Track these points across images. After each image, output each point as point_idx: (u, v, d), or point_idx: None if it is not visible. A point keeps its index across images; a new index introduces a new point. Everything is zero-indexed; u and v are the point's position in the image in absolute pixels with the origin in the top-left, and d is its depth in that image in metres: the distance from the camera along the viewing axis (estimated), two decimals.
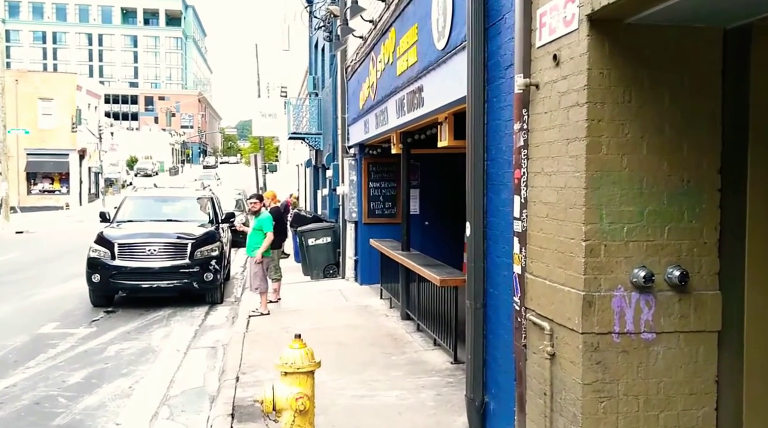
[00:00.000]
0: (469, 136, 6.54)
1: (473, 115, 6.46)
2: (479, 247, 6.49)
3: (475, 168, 6.48)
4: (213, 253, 14.03)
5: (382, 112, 11.60)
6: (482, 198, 6.49)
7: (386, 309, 12.70)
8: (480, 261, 6.48)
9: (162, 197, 16.82)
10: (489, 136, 6.45)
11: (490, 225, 6.44)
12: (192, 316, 13.22)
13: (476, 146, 6.47)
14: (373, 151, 14.92)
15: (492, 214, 6.41)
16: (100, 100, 58.14)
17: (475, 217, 6.48)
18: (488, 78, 6.43)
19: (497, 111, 6.24)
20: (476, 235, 6.48)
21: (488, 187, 6.49)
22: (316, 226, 16.84)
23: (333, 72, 18.45)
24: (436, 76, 8.22)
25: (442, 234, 15.06)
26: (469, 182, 6.57)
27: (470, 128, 6.51)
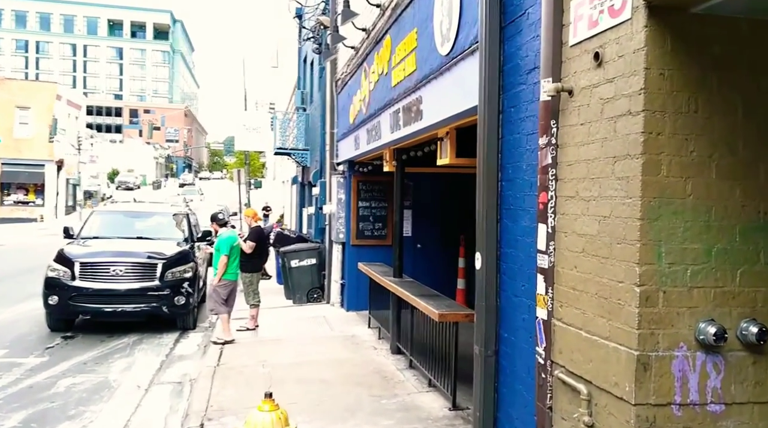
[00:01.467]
0: (481, 153, 5.57)
1: (486, 129, 5.49)
2: (491, 283, 5.49)
3: (487, 190, 5.51)
4: (186, 275, 12.95)
5: (374, 127, 10.64)
6: (496, 225, 5.51)
7: (374, 340, 11.65)
8: (492, 300, 5.49)
9: (133, 212, 15.70)
10: (504, 153, 5.48)
11: (506, 258, 5.45)
12: (159, 344, 12.11)
13: (489, 164, 5.50)
14: (363, 169, 13.93)
15: (508, 244, 5.42)
16: (81, 111, 56.82)
17: (488, 248, 5.49)
18: (504, 85, 5.47)
19: (516, 123, 5.27)
20: (488, 269, 5.49)
21: (503, 212, 5.51)
22: (300, 247, 15.79)
23: (322, 86, 17.49)
24: (438, 86, 7.26)
25: (434, 258, 14.10)
26: (479, 206, 5.59)
27: (482, 144, 5.55)
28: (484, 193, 5.54)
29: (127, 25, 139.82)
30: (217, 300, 11.66)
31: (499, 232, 5.53)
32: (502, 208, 5.53)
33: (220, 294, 11.64)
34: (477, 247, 5.68)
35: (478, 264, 5.61)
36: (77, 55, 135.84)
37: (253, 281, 12.77)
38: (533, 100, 4.93)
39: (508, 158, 5.42)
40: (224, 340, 11.49)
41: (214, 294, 11.74)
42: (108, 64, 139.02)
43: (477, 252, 5.67)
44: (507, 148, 5.43)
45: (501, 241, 5.53)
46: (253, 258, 12.61)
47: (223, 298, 11.64)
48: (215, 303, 11.69)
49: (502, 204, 5.52)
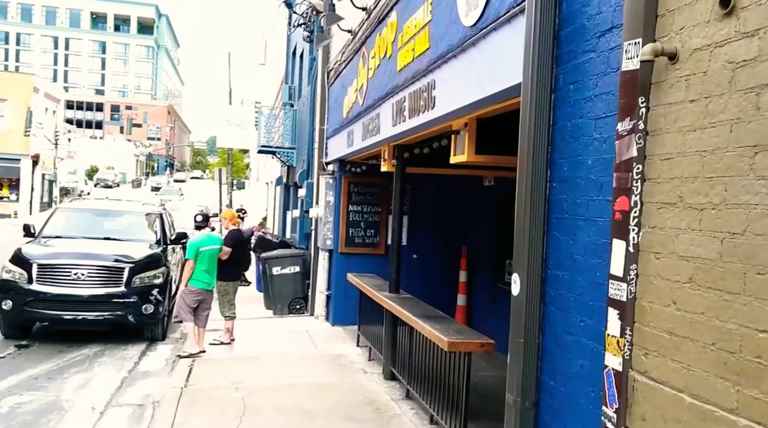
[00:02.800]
0: (525, 145, 4.33)
1: (532, 113, 4.25)
2: (533, 315, 4.24)
3: (530, 193, 4.27)
4: (156, 281, 11.60)
5: (372, 120, 9.37)
6: (541, 239, 4.26)
7: (364, 361, 10.36)
8: (533, 336, 4.23)
9: (101, 210, 14.29)
10: (558, 144, 4.22)
11: (556, 283, 4.19)
12: (123, 357, 10.76)
13: (534, 160, 4.25)
14: (355, 169, 12.63)
15: (559, 264, 4.15)
16: (59, 105, 54.82)
17: (529, 268, 4.23)
18: (560, 55, 4.22)
19: (577, 104, 4.01)
20: (529, 296, 4.23)
21: (553, 222, 4.25)
22: (283, 253, 14.47)
23: (312, 77, 16.19)
24: (458, 66, 6.01)
25: (432, 270, 12.85)
26: (519, 214, 4.35)
27: (526, 133, 4.30)
28: (527, 197, 4.29)
29: (110, 18, 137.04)
30: (182, 307, 10.42)
31: (546, 249, 4.28)
32: (551, 216, 4.27)
33: (186, 302, 10.36)
34: (514, 266, 4.43)
35: (515, 288, 4.34)
36: (59, 48, 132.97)
37: (229, 291, 11.41)
38: (607, 72, 3.69)
39: (563, 151, 4.16)
40: (189, 353, 10.20)
41: (180, 301, 10.48)
42: (90, 58, 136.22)
43: (514, 272, 4.41)
44: (562, 138, 4.17)
45: (548, 260, 4.27)
46: (230, 265, 11.24)
47: (190, 306, 10.35)
48: (179, 309, 10.47)
49: (551, 211, 4.27)
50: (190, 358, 10.13)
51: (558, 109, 4.21)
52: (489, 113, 6.10)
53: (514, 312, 4.37)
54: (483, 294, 12.13)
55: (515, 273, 4.41)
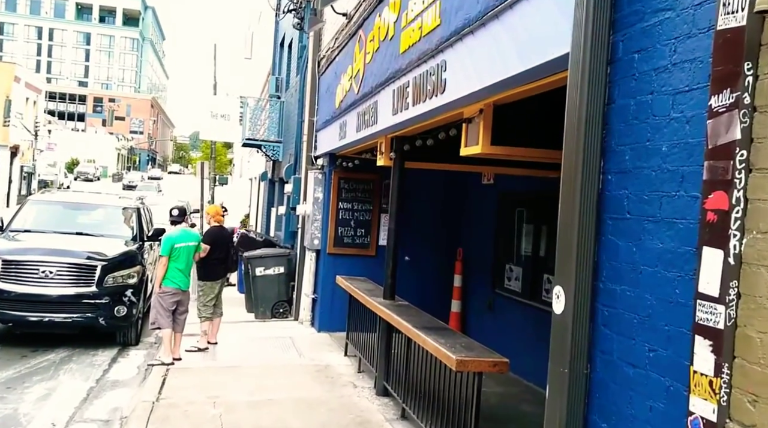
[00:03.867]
0: (572, 130, 3.56)
1: (583, 91, 3.49)
2: (580, 338, 3.44)
3: (578, 188, 3.47)
4: (130, 280, 10.73)
5: (369, 110, 8.54)
6: (592, 245, 3.46)
7: (353, 373, 9.53)
8: (580, 364, 3.44)
9: (74, 203, 13.37)
10: (614, 127, 3.44)
11: (610, 299, 3.40)
12: (92, 364, 9.88)
13: (585, 147, 3.45)
14: (347, 164, 11.79)
15: (618, 276, 3.36)
16: (41, 95, 53.32)
17: (577, 280, 3.42)
18: (618, 18, 3.42)
19: (644, 78, 3.23)
20: (576, 314, 3.42)
21: (607, 224, 3.46)
22: (267, 252, 13.59)
23: (302, 67, 15.32)
24: (475, 44, 5.21)
25: (425, 273, 12.08)
26: (564, 214, 3.56)
27: (575, 115, 3.54)
28: (573, 192, 3.48)
29: (96, 9, 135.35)
30: (159, 312, 9.51)
31: (598, 257, 3.47)
32: (604, 217, 3.47)
33: (162, 305, 9.49)
34: (556, 278, 3.63)
35: (558, 305, 3.54)
36: (42, 38, 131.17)
37: (207, 291, 10.47)
38: (692, 34, 2.89)
39: (622, 135, 3.36)
40: (162, 361, 9.35)
41: (156, 305, 9.60)
42: (74, 49, 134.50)
43: (556, 285, 3.61)
44: (622, 120, 3.37)
45: (600, 271, 3.47)
46: (209, 263, 10.35)
47: (167, 309, 9.48)
48: (157, 314, 9.56)
49: (604, 210, 3.46)
50: (164, 367, 9.27)
51: (616, 85, 3.41)
52: (509, 98, 5.32)
53: (556, 335, 3.57)
54: (479, 301, 11.37)
55: (558, 286, 3.61)
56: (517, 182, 9.82)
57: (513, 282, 10.28)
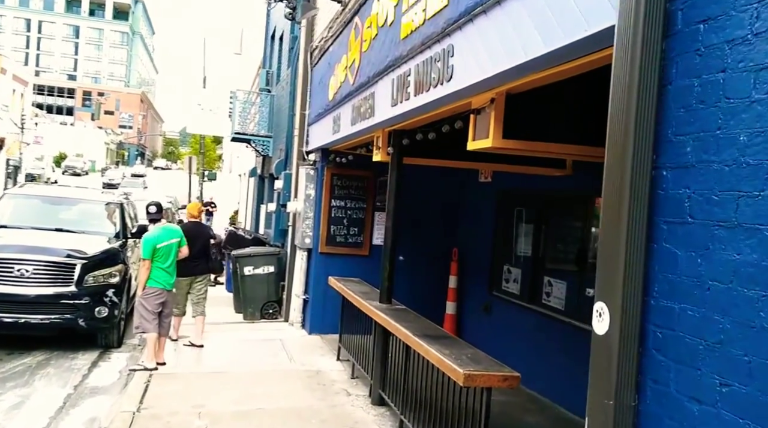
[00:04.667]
0: (618, 116, 3.05)
1: (633, 71, 2.98)
2: (627, 364, 2.94)
3: (625, 187, 3.00)
4: (112, 280, 10.19)
5: (365, 101, 8.04)
6: (642, 254, 2.96)
7: (346, 379, 9.04)
8: (627, 396, 2.94)
9: (54, 198, 12.76)
10: (670, 114, 2.97)
11: (665, 319, 2.91)
12: (70, 368, 9.34)
13: (636, 138, 2.95)
14: (340, 159, 11.27)
15: (672, 293, 2.87)
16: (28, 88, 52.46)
17: (624, 294, 2.93)
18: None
19: (712, 53, 2.76)
20: (623, 335, 2.93)
21: (661, 229, 2.99)
22: (256, 251, 13.05)
23: (293, 59, 14.78)
24: (489, 25, 4.72)
25: (419, 274, 11.61)
26: (606, 218, 3.05)
27: (621, 99, 3.03)
28: (618, 191, 2.99)
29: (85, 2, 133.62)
30: (143, 315, 8.97)
31: (648, 268, 2.98)
32: (657, 220, 2.96)
33: (147, 308, 8.95)
34: (598, 292, 3.12)
35: (600, 325, 3.03)
36: (31, 30, 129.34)
37: (181, 285, 10.29)
38: None
39: (682, 124, 2.85)
40: (145, 367, 8.84)
41: (140, 308, 9.05)
42: (63, 43, 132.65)
43: (599, 301, 3.11)
44: (682, 104, 2.85)
45: (652, 285, 2.96)
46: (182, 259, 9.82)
47: (152, 312, 8.95)
48: (141, 318, 9.02)
49: (658, 213, 2.96)
50: (147, 372, 8.76)
51: (674, 63, 2.91)
52: (525, 86, 4.83)
53: (599, 360, 3.06)
54: (475, 303, 10.91)
55: (600, 302, 3.10)
56: (516, 180, 9.37)
57: (511, 285, 9.85)
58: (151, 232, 9.13)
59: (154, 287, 8.93)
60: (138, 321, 9.08)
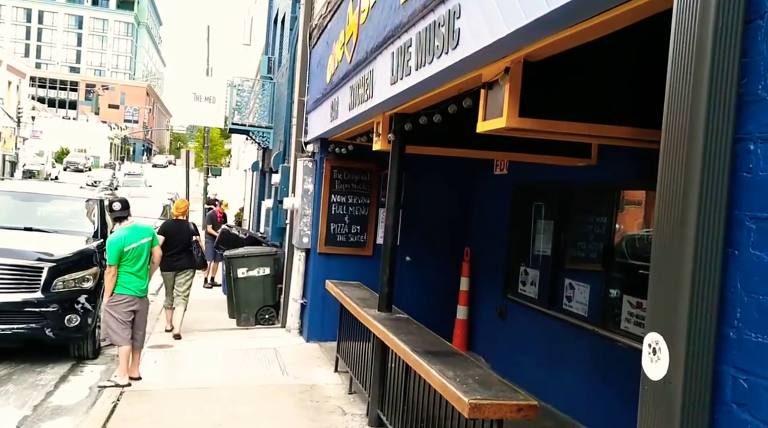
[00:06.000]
0: (682, 71, 2.04)
1: (708, 16, 1.88)
2: (696, 420, 1.88)
3: (694, 168, 1.94)
4: (85, 284, 9.17)
5: (363, 81, 7.00)
6: (717, 264, 1.92)
7: (343, 394, 8.04)
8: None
9: (27, 194, 11.61)
10: (761, 57, 1.88)
11: (747, 358, 1.91)
12: (35, 384, 8.34)
13: (710, 99, 1.89)
14: (340, 150, 10.23)
15: (764, 321, 1.82)
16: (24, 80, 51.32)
17: (691, 323, 1.90)
18: None
19: None
20: (688, 381, 1.91)
21: (742, 228, 2.01)
22: (250, 252, 12.00)
23: (293, 40, 13.76)
24: None
25: (427, 276, 10.72)
26: (663, 213, 2.02)
27: (688, 42, 1.98)
28: (682, 175, 1.99)
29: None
30: (111, 326, 7.98)
31: (726, 285, 1.97)
32: (739, 216, 1.96)
33: (116, 316, 7.94)
34: (650, 322, 2.12)
35: (656, 365, 2.03)
36: (32, 21, 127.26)
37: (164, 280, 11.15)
38: None
39: None
40: (116, 383, 7.86)
41: (107, 317, 8.05)
42: (65, 33, 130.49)
43: (651, 331, 2.10)
44: None
45: (731, 310, 1.96)
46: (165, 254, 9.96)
47: (122, 321, 7.94)
48: (109, 329, 8.03)
49: (741, 205, 1.96)
50: (118, 389, 7.77)
51: None
52: (546, 50, 3.86)
53: (650, 415, 2.06)
54: (489, 307, 9.96)
55: (654, 332, 2.11)
56: (533, 172, 8.43)
57: (528, 288, 8.92)
58: (116, 234, 8.07)
59: (124, 294, 7.91)
60: (105, 333, 8.09)
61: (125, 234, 7.98)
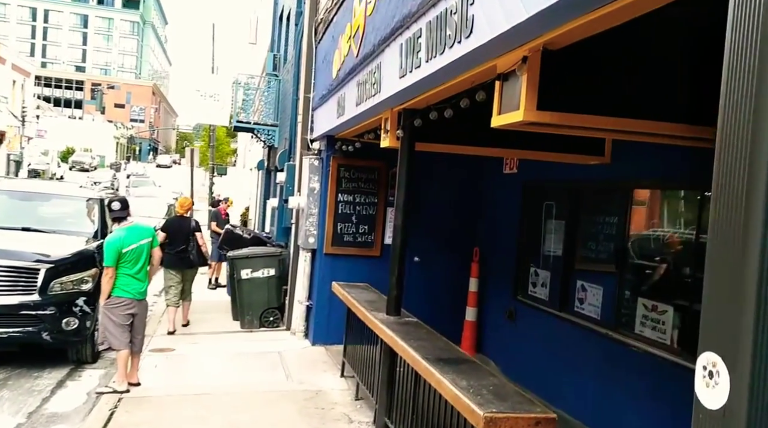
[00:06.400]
0: (746, 28, 1.67)
1: None
2: None
3: (761, 149, 1.60)
4: (83, 286, 8.90)
5: (370, 75, 6.70)
6: None
7: (350, 400, 7.76)
8: None
9: (24, 193, 11.27)
10: None
11: None
12: (31, 390, 8.08)
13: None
14: (347, 147, 9.93)
15: None
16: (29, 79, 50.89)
17: (759, 341, 1.57)
18: None
19: None
20: (754, 412, 1.58)
21: None
22: (254, 252, 11.69)
23: (297, 36, 13.47)
24: None
25: (435, 276, 10.46)
26: (719, 213, 1.72)
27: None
28: (744, 162, 1.69)
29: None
30: (109, 329, 7.68)
31: None
32: None
33: (113, 319, 7.65)
34: (705, 337, 1.83)
35: (712, 393, 1.73)
36: (37, 20, 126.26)
37: (167, 277, 11.35)
38: None
39: None
40: (113, 389, 7.58)
41: (104, 320, 7.74)
42: (70, 32, 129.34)
43: (706, 350, 1.81)
44: None
45: None
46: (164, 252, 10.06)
47: (120, 325, 7.65)
48: (106, 331, 7.73)
49: None
50: (116, 396, 7.50)
51: None
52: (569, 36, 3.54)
53: None
54: (498, 309, 9.71)
55: (710, 353, 1.81)
56: (544, 171, 8.16)
57: (539, 289, 8.67)
58: (114, 234, 7.76)
59: (122, 297, 7.61)
60: (103, 336, 7.78)
61: (124, 234, 7.68)
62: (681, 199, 6.55)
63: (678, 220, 6.53)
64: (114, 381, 7.84)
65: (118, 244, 7.54)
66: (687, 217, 6.33)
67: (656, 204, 6.96)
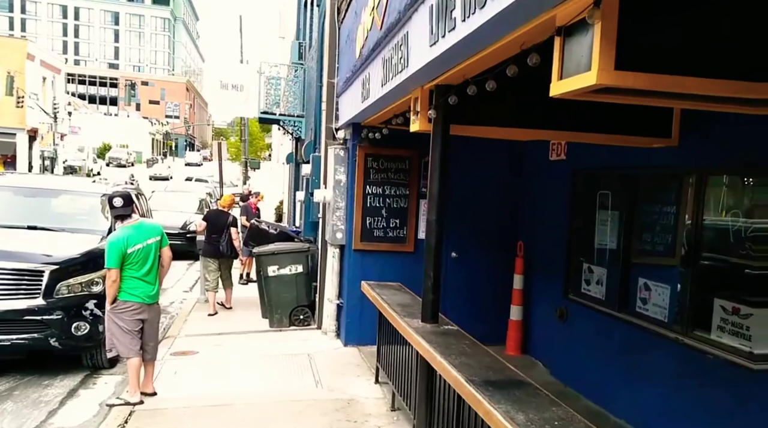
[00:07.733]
0: None
1: None
2: None
3: None
4: (94, 288, 8.26)
5: (396, 49, 5.90)
6: None
7: (385, 411, 7.00)
8: None
9: (32, 189, 10.45)
10: None
11: None
12: (37, 401, 7.44)
13: None
14: (374, 135, 9.14)
15: None
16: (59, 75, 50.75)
17: None
18: None
19: None
20: None
21: None
22: (280, 248, 10.97)
23: (320, 18, 12.72)
24: None
25: (476, 273, 9.75)
26: None
27: None
28: None
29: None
30: (116, 335, 7.01)
31: None
32: None
33: (120, 325, 6.99)
34: None
35: None
36: (68, 17, 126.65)
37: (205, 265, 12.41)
38: None
39: None
40: (126, 401, 6.92)
41: (111, 325, 7.07)
42: (102, 30, 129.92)
43: None
44: None
45: None
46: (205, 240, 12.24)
47: (128, 331, 6.97)
48: (113, 337, 7.06)
49: None
50: (128, 408, 6.84)
51: None
52: None
53: None
54: (546, 308, 8.91)
55: None
56: (597, 157, 7.38)
57: (593, 287, 7.83)
58: (117, 233, 7.05)
59: (129, 301, 6.92)
60: (110, 343, 7.11)
61: (128, 233, 6.96)
62: (766, 185, 5.64)
63: (763, 211, 5.60)
64: (127, 391, 7.18)
65: (121, 244, 6.84)
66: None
67: (733, 191, 6.05)
